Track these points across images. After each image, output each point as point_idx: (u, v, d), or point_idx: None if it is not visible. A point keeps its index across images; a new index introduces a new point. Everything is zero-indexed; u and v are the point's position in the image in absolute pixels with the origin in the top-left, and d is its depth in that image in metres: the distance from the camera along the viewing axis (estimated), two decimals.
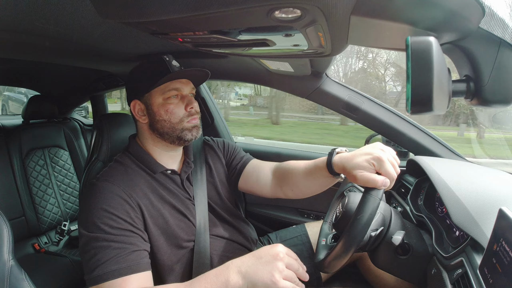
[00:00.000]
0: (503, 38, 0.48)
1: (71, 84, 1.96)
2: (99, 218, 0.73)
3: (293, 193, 0.98)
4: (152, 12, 0.50)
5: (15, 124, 1.89)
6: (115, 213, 0.74)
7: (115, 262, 0.69)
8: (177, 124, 0.86)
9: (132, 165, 0.87)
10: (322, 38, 0.59)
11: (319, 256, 0.82)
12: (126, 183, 0.81)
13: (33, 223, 1.74)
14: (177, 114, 0.86)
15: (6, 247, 0.67)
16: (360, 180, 0.69)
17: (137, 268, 0.71)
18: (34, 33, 0.77)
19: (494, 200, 0.68)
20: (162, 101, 0.85)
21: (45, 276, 1.42)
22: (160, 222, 0.82)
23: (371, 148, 0.72)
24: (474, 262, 0.58)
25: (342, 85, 1.25)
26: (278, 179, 1.00)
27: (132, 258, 0.71)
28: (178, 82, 0.87)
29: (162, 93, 0.85)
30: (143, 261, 0.73)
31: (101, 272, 0.68)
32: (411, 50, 0.41)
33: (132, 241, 0.74)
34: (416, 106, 0.42)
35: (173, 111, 0.85)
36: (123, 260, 0.70)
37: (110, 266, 0.69)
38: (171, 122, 0.86)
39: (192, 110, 0.87)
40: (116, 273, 0.68)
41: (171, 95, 0.85)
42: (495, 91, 0.49)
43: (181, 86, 0.87)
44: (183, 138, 0.87)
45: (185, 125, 0.87)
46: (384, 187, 0.66)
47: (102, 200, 0.75)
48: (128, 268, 0.70)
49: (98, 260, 0.69)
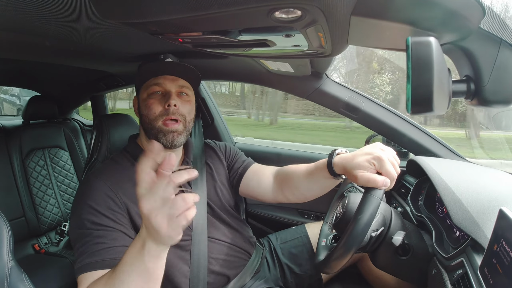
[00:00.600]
0: (503, 38, 0.48)
1: (71, 85, 1.96)
2: (84, 214, 0.74)
3: (294, 197, 0.97)
4: (152, 12, 0.50)
5: (15, 125, 1.89)
6: (98, 209, 0.75)
7: (91, 255, 0.69)
8: (153, 121, 0.84)
9: (127, 164, 0.88)
10: (322, 39, 0.59)
11: (319, 257, 0.82)
12: (115, 181, 0.81)
13: (33, 224, 1.74)
14: (153, 109, 0.84)
15: (6, 248, 0.67)
16: (361, 180, 0.69)
17: (111, 263, 0.68)
18: (34, 33, 0.77)
19: (495, 200, 0.68)
20: (146, 96, 0.86)
21: (45, 277, 1.42)
22: None
23: (371, 148, 0.72)
24: (475, 263, 0.58)
25: (342, 85, 1.25)
26: (280, 183, 1.00)
27: (109, 253, 0.71)
28: (162, 78, 0.86)
29: (146, 88, 0.86)
30: (119, 257, 0.71)
31: (79, 265, 0.69)
32: (412, 51, 0.41)
33: (112, 236, 0.73)
34: (416, 107, 0.42)
35: (151, 106, 0.85)
36: (98, 254, 0.70)
37: (86, 259, 0.69)
38: (148, 118, 0.85)
39: (169, 109, 0.84)
40: (90, 266, 0.68)
41: (153, 90, 0.86)
42: (496, 91, 0.49)
43: (164, 82, 0.86)
44: (159, 140, 0.84)
45: (161, 125, 0.84)
46: (385, 187, 0.66)
47: (88, 196, 0.77)
48: (101, 263, 0.69)
49: (81, 253, 0.71)
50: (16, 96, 5.99)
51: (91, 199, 0.76)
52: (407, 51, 0.41)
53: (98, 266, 0.69)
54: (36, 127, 1.90)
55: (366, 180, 0.67)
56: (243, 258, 0.99)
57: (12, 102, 6.11)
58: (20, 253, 1.66)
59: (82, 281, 0.68)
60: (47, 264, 1.54)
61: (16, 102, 5.95)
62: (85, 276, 0.68)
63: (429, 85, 0.40)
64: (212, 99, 1.69)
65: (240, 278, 0.96)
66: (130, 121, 1.18)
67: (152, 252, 0.55)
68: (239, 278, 0.96)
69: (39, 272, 1.44)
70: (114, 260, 0.70)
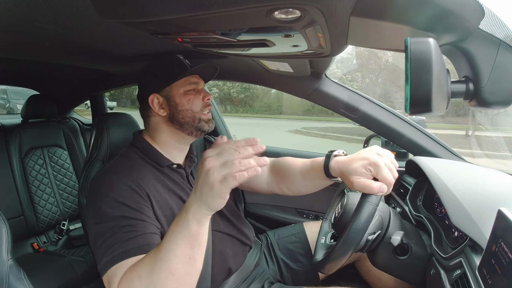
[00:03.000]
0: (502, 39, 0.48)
1: (71, 84, 1.96)
2: (110, 207, 0.73)
3: (289, 191, 0.99)
4: (152, 12, 0.50)
5: (14, 123, 1.89)
6: (126, 203, 0.74)
7: (123, 244, 0.68)
8: (197, 113, 0.91)
9: (138, 159, 0.88)
10: (322, 39, 0.59)
11: (317, 256, 0.82)
12: (134, 174, 0.81)
13: (32, 223, 1.74)
14: (197, 103, 0.92)
15: (5, 247, 0.67)
16: (357, 187, 0.68)
17: (147, 248, 0.68)
18: (34, 33, 0.77)
19: (493, 201, 0.68)
20: (183, 92, 0.91)
21: (44, 276, 1.42)
22: (168, 213, 0.83)
23: (368, 152, 0.72)
24: (473, 263, 0.59)
25: (341, 85, 1.26)
26: (275, 175, 1.01)
27: (142, 239, 0.70)
28: (194, 77, 0.94)
29: (182, 86, 0.91)
30: (154, 242, 0.71)
31: (110, 257, 0.67)
32: (411, 51, 0.41)
33: (142, 225, 0.73)
34: (415, 107, 0.42)
35: (194, 100, 0.91)
36: (131, 242, 0.69)
37: (118, 249, 0.67)
38: (193, 111, 0.91)
39: (208, 101, 0.94)
40: (124, 254, 0.67)
41: (191, 88, 0.92)
42: (495, 92, 0.49)
43: (198, 81, 0.94)
44: (201, 128, 0.92)
45: (203, 116, 0.92)
46: (381, 193, 0.66)
47: (112, 191, 0.76)
48: (136, 249, 0.68)
49: (106, 246, 0.69)
50: (6, 99, 6.89)
51: (116, 194, 0.75)
52: (406, 51, 0.41)
53: (132, 253, 0.67)
54: (35, 126, 1.89)
55: (362, 186, 0.67)
56: (243, 251, 1.01)
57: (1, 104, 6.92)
58: (19, 252, 1.66)
59: (117, 271, 0.65)
60: (46, 263, 1.54)
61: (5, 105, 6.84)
62: (121, 265, 0.66)
63: (428, 85, 0.40)
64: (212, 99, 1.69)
65: (241, 271, 0.98)
66: (129, 120, 1.18)
67: (197, 215, 0.59)
68: (240, 271, 0.97)
69: (38, 271, 1.44)
70: (148, 246, 0.69)
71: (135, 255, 0.67)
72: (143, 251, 0.68)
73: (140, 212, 0.75)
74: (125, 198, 0.75)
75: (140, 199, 0.77)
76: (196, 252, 0.62)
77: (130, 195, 0.76)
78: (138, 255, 0.67)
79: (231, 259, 0.95)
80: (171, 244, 0.61)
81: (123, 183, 0.77)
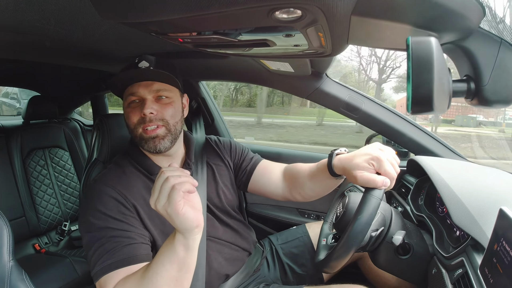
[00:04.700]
0: (503, 38, 0.48)
1: (72, 84, 1.97)
2: (96, 219, 0.75)
3: (300, 196, 0.97)
4: (152, 12, 0.50)
5: (15, 125, 1.89)
6: (110, 215, 0.75)
7: (111, 256, 0.70)
8: (133, 130, 0.84)
9: (129, 167, 0.88)
10: (323, 38, 0.59)
11: (319, 256, 0.82)
12: (121, 185, 0.81)
13: (33, 224, 1.74)
14: (131, 119, 0.83)
15: (6, 248, 0.67)
16: (360, 181, 0.69)
17: (133, 260, 0.71)
18: (34, 33, 0.77)
19: (495, 200, 0.68)
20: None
21: (46, 277, 1.42)
22: (157, 223, 0.82)
23: (370, 148, 0.73)
24: (475, 262, 0.58)
25: (342, 85, 1.25)
26: (288, 182, 1.00)
27: (129, 250, 0.72)
28: (136, 85, 0.83)
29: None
30: (140, 253, 0.73)
31: (99, 268, 0.69)
32: (412, 50, 0.41)
33: (128, 235, 0.74)
34: (417, 106, 0.42)
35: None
36: (118, 254, 0.70)
37: (107, 261, 0.70)
38: (130, 128, 0.85)
39: (145, 117, 0.81)
40: (113, 266, 0.69)
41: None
42: (496, 91, 0.49)
43: (139, 89, 0.82)
44: (143, 147, 0.85)
45: (141, 133, 0.83)
46: (385, 187, 0.67)
47: (98, 202, 0.77)
48: (124, 261, 0.70)
49: (97, 256, 0.71)
50: (16, 99, 6.19)
51: (101, 205, 0.76)
52: (407, 50, 0.41)
53: (121, 264, 0.69)
54: (36, 127, 1.90)
55: (366, 180, 0.68)
56: (242, 257, 1.00)
57: (12, 105, 6.34)
58: (21, 253, 1.66)
59: (107, 281, 0.68)
60: (48, 264, 1.54)
61: (15, 105, 6.18)
62: (110, 276, 0.68)
63: (429, 84, 0.40)
64: (212, 99, 1.69)
65: (238, 276, 0.97)
66: None
67: (182, 240, 0.62)
68: (237, 276, 0.97)
69: (40, 271, 1.44)
70: (137, 257, 0.71)
71: (123, 266, 0.69)
72: (131, 262, 0.70)
73: (126, 223, 0.76)
74: (110, 210, 0.76)
75: (125, 210, 0.78)
76: (183, 276, 0.65)
77: (115, 206, 0.77)
78: (126, 266, 0.69)
79: (229, 265, 0.94)
80: (158, 266, 0.63)
81: (108, 195, 0.78)
